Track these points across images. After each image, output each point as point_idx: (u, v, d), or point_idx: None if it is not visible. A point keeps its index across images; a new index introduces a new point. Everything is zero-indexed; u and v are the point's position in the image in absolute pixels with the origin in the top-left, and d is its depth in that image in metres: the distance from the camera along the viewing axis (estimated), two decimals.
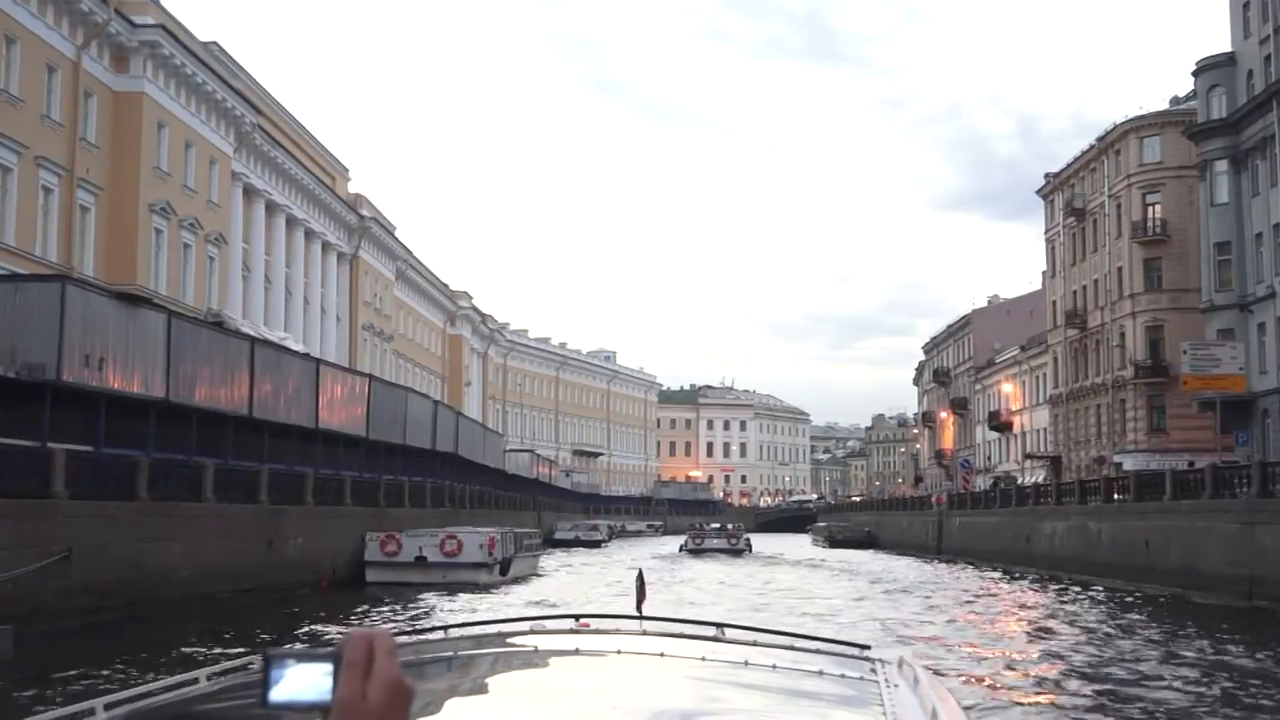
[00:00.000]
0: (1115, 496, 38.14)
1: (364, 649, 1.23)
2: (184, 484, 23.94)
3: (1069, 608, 27.77)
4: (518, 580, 33.35)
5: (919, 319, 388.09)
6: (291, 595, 25.83)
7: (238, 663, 3.08)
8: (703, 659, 3.10)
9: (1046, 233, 73.21)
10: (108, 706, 2.50)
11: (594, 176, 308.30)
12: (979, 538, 52.42)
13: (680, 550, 60.67)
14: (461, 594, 28.30)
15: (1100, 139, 62.22)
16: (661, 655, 3.11)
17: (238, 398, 27.73)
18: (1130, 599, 29.33)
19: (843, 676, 3.07)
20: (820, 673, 3.12)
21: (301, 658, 1.27)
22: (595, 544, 67.61)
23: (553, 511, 76.04)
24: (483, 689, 2.99)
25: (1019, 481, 63.93)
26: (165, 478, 23.09)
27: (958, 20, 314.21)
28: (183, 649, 17.16)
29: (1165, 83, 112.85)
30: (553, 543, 64.08)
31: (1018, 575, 40.21)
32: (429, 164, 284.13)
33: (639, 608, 5.01)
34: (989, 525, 51.64)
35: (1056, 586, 34.30)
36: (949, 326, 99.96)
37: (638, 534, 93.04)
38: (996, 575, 41.27)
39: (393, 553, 31.48)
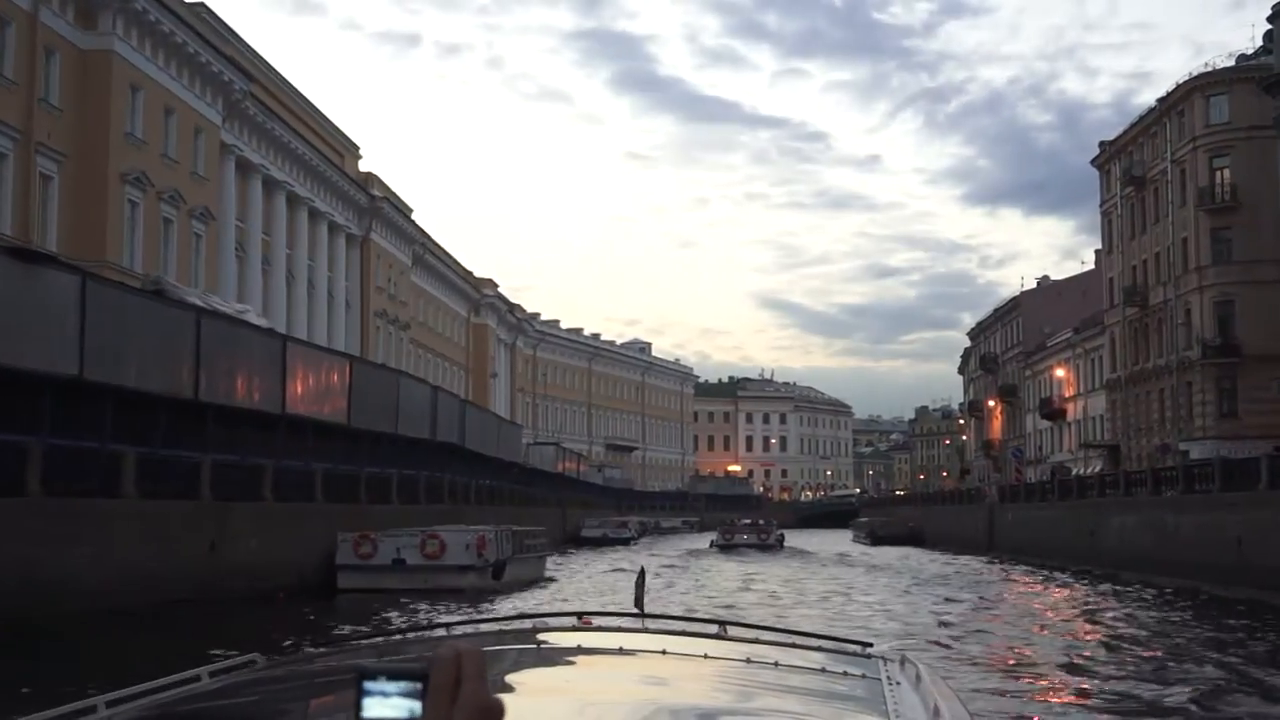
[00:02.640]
0: (1196, 486, 33.80)
1: (452, 671, 1.21)
2: (96, 476, 20.15)
3: None
4: (514, 586, 29.19)
5: (962, 312, 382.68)
6: (237, 606, 21.96)
7: (241, 660, 3.11)
8: (705, 657, 3.04)
9: (1102, 205, 68.46)
10: (109, 704, 2.49)
11: (626, 168, 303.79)
12: (1035, 533, 48.23)
13: (710, 546, 59.15)
14: (442, 602, 24.27)
15: (1161, 100, 57.51)
16: (663, 653, 3.07)
17: (179, 378, 23.82)
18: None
19: (845, 674, 3.02)
20: (823, 670, 3.10)
21: (393, 674, 1.25)
22: (623, 541, 65.14)
23: (581, 508, 72.69)
24: None
25: (1074, 472, 59.60)
26: (67, 469, 19.29)
27: (999, 11, 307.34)
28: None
29: (1213, 54, 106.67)
30: (579, 540, 62.17)
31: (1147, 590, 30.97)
32: (454, 151, 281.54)
33: (640, 606, 4.37)
34: (1046, 519, 47.58)
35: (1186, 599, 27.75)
36: (996, 310, 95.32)
37: (672, 530, 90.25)
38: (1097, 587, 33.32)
39: (367, 555, 27.48)
